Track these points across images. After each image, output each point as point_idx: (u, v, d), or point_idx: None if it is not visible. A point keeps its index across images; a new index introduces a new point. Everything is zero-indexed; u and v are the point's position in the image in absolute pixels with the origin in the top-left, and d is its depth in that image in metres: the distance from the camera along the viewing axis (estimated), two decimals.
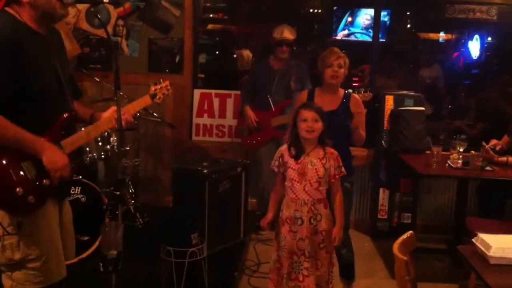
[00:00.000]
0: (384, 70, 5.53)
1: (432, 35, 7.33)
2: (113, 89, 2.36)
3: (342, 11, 6.84)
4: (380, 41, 5.54)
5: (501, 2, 6.06)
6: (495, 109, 4.77)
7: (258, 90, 4.54)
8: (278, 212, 2.95)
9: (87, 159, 3.60)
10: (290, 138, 2.90)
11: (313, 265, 2.82)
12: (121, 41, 4.90)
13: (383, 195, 4.70)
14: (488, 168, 3.78)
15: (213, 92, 5.06)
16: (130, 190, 4.32)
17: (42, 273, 2.16)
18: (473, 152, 3.83)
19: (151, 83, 2.52)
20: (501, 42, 6.65)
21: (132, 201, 4.28)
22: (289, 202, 2.85)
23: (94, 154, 3.65)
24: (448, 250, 4.26)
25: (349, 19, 6.81)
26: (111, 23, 4.87)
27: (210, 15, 7.37)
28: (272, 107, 4.45)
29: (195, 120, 5.06)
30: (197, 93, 5.06)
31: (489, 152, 3.88)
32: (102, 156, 3.69)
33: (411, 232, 2.27)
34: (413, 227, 4.41)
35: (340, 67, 3.22)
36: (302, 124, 2.80)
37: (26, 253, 2.12)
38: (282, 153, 2.90)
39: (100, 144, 3.67)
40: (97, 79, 4.53)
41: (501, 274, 2.19)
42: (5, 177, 2.06)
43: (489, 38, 6.82)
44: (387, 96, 4.63)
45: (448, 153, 3.97)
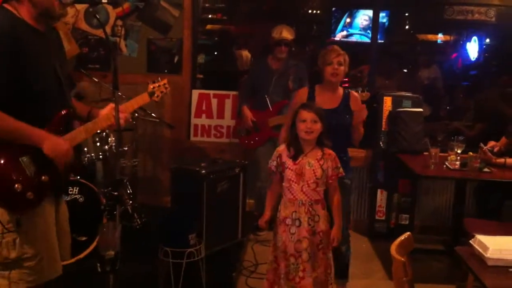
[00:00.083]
0: (383, 71, 5.54)
1: (431, 36, 7.35)
2: (111, 90, 2.36)
3: (341, 12, 6.86)
4: (379, 42, 5.54)
5: (500, 4, 6.08)
6: (494, 110, 4.76)
7: (257, 90, 4.54)
8: (276, 212, 2.95)
9: (85, 160, 3.58)
10: (288, 138, 2.90)
11: (311, 267, 2.81)
12: (120, 41, 4.90)
13: (381, 196, 4.69)
14: (486, 170, 3.78)
15: (212, 93, 5.05)
16: (128, 191, 4.31)
17: (36, 272, 2.15)
18: (471, 154, 3.83)
19: (149, 81, 2.52)
20: (500, 44, 6.67)
21: (130, 202, 4.27)
22: (287, 203, 2.85)
23: (92, 155, 3.64)
24: (446, 251, 4.27)
25: (348, 20, 6.81)
26: (110, 23, 4.87)
27: (209, 16, 7.38)
28: (270, 107, 4.45)
29: (194, 121, 5.06)
30: (196, 94, 5.05)
31: (487, 154, 3.88)
32: (100, 157, 3.68)
33: (409, 233, 2.27)
34: (411, 228, 4.40)
35: (340, 65, 3.22)
36: (301, 125, 2.80)
37: (22, 252, 2.12)
38: (280, 153, 2.90)
39: (98, 145, 3.66)
40: (96, 79, 4.52)
41: (499, 276, 2.20)
42: (4, 173, 2.05)
43: (488, 40, 6.84)
44: (385, 97, 4.61)
45: (446, 154, 3.97)
